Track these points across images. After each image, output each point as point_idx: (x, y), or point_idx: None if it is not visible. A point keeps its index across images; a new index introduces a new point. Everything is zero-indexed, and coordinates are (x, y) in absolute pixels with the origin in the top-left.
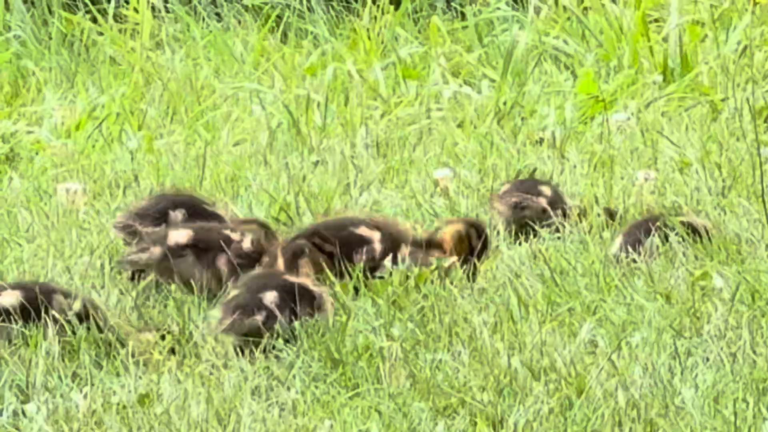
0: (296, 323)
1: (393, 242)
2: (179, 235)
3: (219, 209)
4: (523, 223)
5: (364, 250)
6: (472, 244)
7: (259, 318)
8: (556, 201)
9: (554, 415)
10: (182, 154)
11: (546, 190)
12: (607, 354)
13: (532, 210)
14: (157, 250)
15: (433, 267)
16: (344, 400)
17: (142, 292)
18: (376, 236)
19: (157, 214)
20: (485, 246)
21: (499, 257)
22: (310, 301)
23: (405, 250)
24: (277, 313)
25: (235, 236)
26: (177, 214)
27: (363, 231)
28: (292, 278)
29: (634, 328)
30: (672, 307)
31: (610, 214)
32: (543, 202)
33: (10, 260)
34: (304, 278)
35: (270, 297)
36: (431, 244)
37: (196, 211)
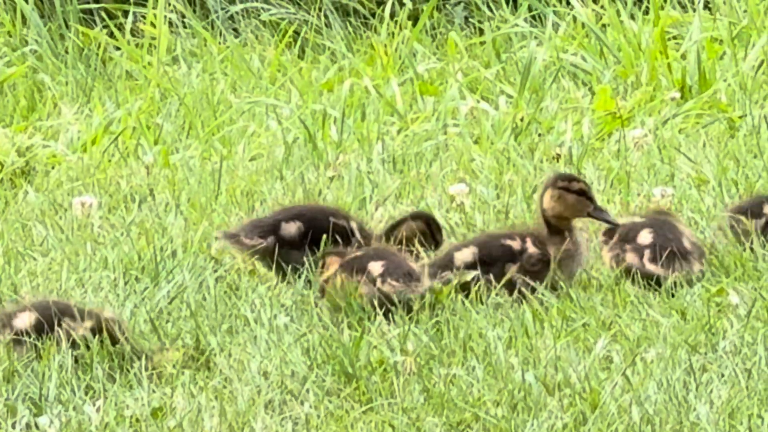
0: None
1: None
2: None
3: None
4: None
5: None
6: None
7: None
8: None
9: (568, 430)
10: (198, 169)
11: None
12: (622, 369)
13: None
14: None
15: (453, 283)
16: (358, 415)
17: (156, 305)
18: None
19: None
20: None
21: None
22: None
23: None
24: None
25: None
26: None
27: None
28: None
29: (649, 344)
30: (687, 323)
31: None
32: None
33: (24, 273)
34: None
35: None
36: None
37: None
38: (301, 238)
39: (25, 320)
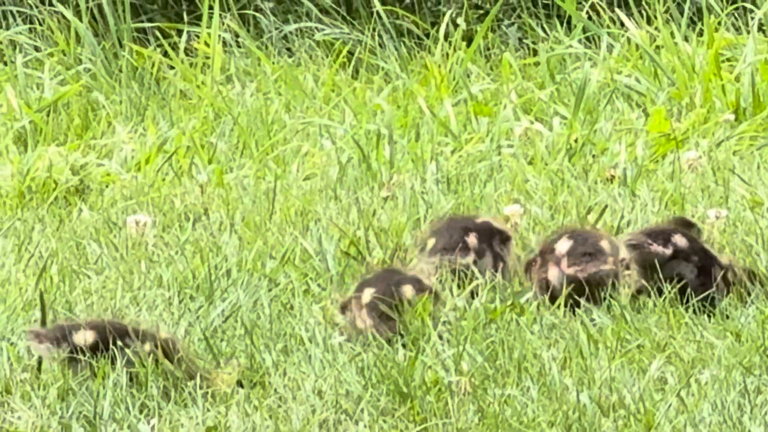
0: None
1: None
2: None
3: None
4: None
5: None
6: None
7: None
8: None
9: None
10: (252, 188)
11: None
12: (677, 391)
13: None
14: None
15: (509, 302)
16: None
17: (210, 324)
18: None
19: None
20: None
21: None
22: None
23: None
24: None
25: None
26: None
27: None
28: None
29: (703, 365)
30: (742, 345)
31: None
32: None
33: (79, 292)
34: None
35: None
36: None
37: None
38: None
39: (81, 338)
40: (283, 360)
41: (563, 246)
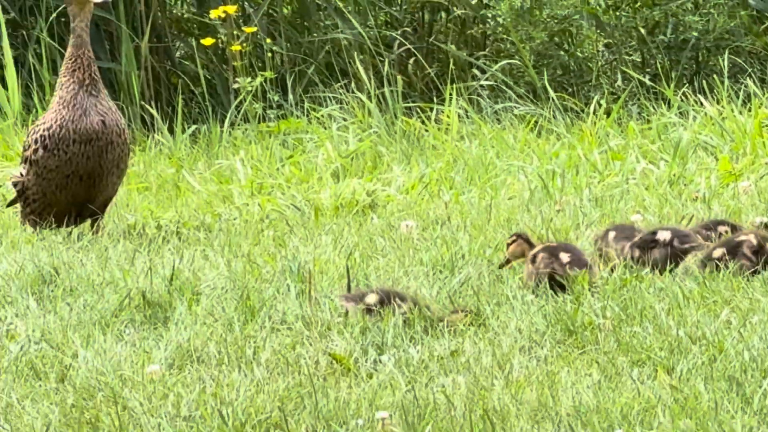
0: None
1: None
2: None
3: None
4: None
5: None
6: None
7: None
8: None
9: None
10: (476, 204)
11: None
12: (737, 328)
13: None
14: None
15: (634, 274)
16: (576, 356)
17: (452, 289)
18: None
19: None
20: None
21: None
22: None
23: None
24: None
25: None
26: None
27: None
28: None
29: (753, 313)
30: None
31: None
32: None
33: (372, 269)
34: None
35: None
36: None
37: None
38: None
39: (372, 298)
40: (497, 309)
41: (664, 234)
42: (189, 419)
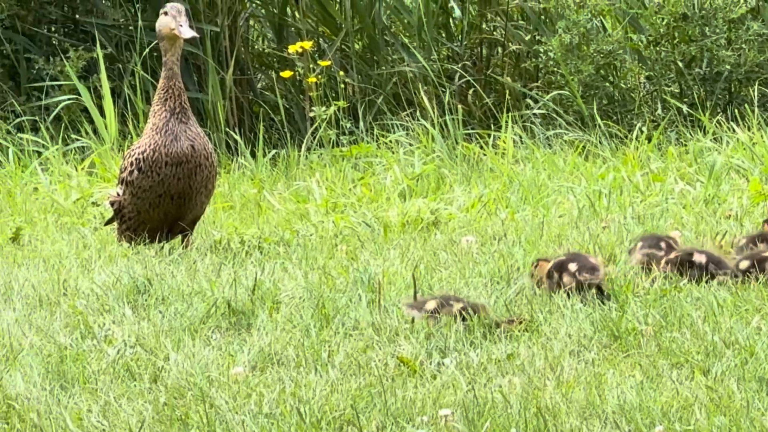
0: None
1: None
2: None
3: None
4: None
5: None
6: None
7: None
8: None
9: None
10: (530, 221)
11: None
12: (767, 333)
13: None
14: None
15: (673, 285)
16: (620, 359)
17: (508, 298)
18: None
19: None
20: None
21: None
22: None
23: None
24: None
25: None
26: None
27: None
28: None
29: None
30: None
31: None
32: None
33: (435, 279)
34: None
35: None
36: None
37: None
38: None
39: (431, 305)
40: (548, 317)
41: (699, 257)
42: (270, 416)
